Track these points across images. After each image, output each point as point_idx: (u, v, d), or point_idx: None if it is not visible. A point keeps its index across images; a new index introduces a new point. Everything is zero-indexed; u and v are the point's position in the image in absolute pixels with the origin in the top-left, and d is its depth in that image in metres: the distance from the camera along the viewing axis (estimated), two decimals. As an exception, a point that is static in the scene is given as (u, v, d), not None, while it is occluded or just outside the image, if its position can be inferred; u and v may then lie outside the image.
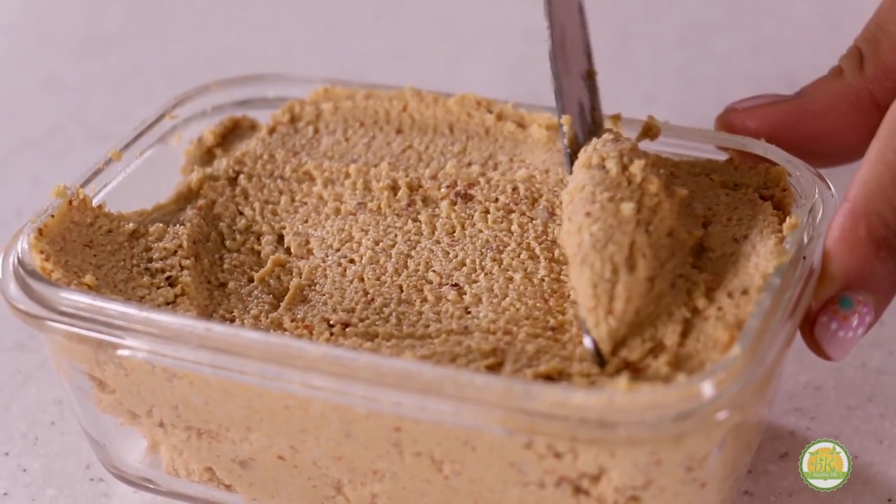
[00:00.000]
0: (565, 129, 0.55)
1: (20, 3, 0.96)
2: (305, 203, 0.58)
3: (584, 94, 0.57)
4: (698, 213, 0.53)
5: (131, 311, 0.49)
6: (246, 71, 0.65)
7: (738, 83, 0.81)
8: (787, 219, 0.52)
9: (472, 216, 0.56)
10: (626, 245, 0.49)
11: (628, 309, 0.48)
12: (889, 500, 0.53)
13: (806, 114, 0.56)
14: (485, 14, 0.90)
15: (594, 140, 0.54)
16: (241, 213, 0.58)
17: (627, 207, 0.49)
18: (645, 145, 0.57)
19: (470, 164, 0.58)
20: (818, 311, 0.50)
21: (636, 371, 0.48)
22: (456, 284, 0.53)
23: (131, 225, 0.56)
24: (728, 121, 0.57)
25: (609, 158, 0.51)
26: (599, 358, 0.48)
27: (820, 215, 0.53)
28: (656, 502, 0.47)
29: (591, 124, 0.56)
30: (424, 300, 0.52)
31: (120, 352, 0.50)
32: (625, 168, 0.51)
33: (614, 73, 0.82)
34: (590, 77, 0.57)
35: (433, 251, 0.54)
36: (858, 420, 0.57)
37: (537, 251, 0.54)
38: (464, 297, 0.52)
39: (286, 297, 0.53)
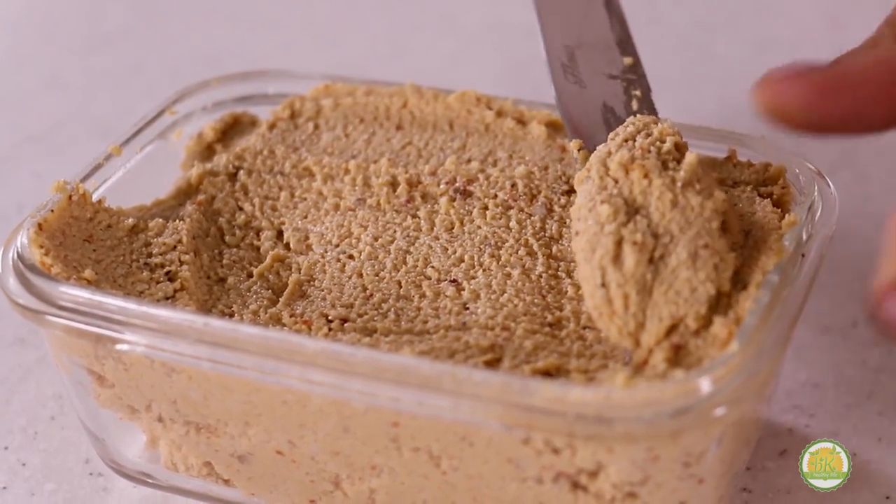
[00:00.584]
0: (575, 154, 0.55)
1: (23, 1, 0.96)
2: (305, 199, 0.58)
3: (614, 93, 0.56)
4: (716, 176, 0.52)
5: (130, 305, 0.49)
6: (247, 67, 0.65)
7: (740, 82, 0.81)
8: (786, 216, 0.52)
9: (471, 212, 0.56)
10: (611, 245, 0.48)
11: (629, 302, 0.48)
12: (887, 498, 0.53)
13: (842, 83, 0.55)
14: (485, 11, 0.90)
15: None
16: (241, 209, 0.58)
17: (603, 209, 0.49)
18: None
19: (469, 161, 0.58)
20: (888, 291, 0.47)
21: (676, 349, 0.47)
22: (454, 280, 0.53)
23: (131, 220, 0.56)
24: (763, 92, 0.56)
25: (592, 167, 0.51)
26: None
27: (819, 213, 0.53)
28: (654, 498, 0.47)
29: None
30: (423, 296, 0.52)
31: (119, 346, 0.50)
32: (608, 170, 0.50)
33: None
34: (631, 68, 0.57)
35: (432, 247, 0.54)
36: (857, 418, 0.57)
37: (535, 247, 0.54)
38: (462, 293, 0.52)
39: (285, 293, 0.53)
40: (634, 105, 0.56)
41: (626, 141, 0.51)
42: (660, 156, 0.50)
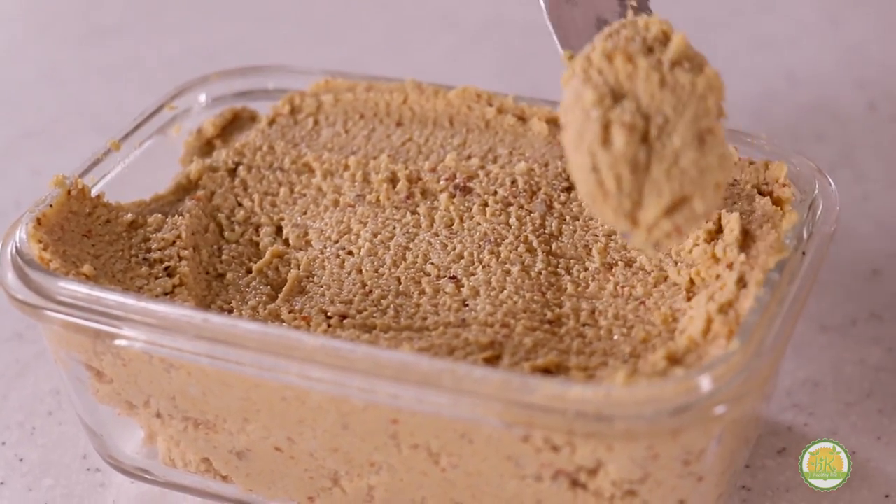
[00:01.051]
0: (566, 64, 0.51)
1: (21, -5, 0.96)
2: (304, 195, 0.58)
3: (608, 6, 0.54)
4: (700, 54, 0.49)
5: (129, 301, 0.49)
6: (247, 63, 0.65)
7: (739, 79, 0.81)
8: (787, 214, 0.52)
9: (471, 209, 0.55)
10: (598, 129, 0.46)
11: (622, 181, 0.46)
12: (887, 496, 0.53)
13: None
14: (486, 7, 0.90)
15: None
16: (240, 205, 0.58)
17: (587, 95, 0.46)
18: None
19: (469, 157, 0.58)
20: None
21: (676, 232, 0.46)
22: (454, 277, 0.53)
23: (130, 215, 0.55)
24: None
25: (576, 63, 0.48)
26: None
27: (820, 210, 0.53)
28: (653, 496, 0.47)
29: None
30: (422, 292, 0.52)
31: (117, 342, 0.49)
32: (591, 63, 0.48)
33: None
34: None
35: (431, 244, 0.54)
36: (857, 416, 0.57)
37: (535, 244, 0.54)
38: (461, 289, 0.52)
39: (284, 289, 0.53)
40: (630, 14, 0.53)
41: (609, 36, 0.49)
42: (645, 43, 0.48)
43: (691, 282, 0.52)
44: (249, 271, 0.55)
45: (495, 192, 0.56)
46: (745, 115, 0.77)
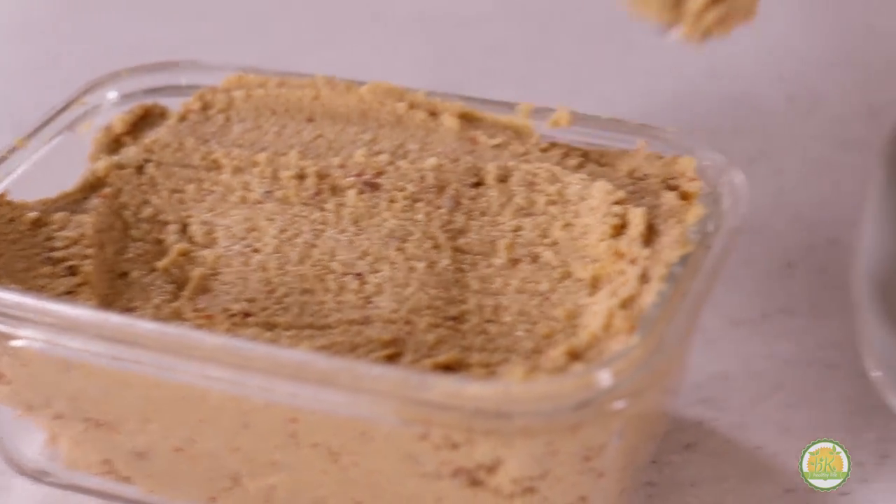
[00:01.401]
0: None
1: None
2: (213, 192, 0.57)
3: None
4: None
5: (27, 300, 0.49)
6: (165, 59, 0.64)
7: (660, 75, 0.81)
8: (692, 208, 0.52)
9: (379, 205, 0.55)
10: None
11: None
12: (787, 491, 0.53)
13: None
14: (412, 3, 0.89)
15: None
16: (148, 202, 0.57)
17: None
18: (557, 133, 0.57)
19: (379, 153, 0.57)
20: None
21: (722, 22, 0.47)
22: (359, 274, 0.52)
23: (34, 213, 0.55)
24: None
25: None
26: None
27: (726, 205, 0.53)
28: (553, 492, 0.47)
29: None
30: (327, 290, 0.52)
31: (14, 342, 0.49)
32: None
33: (539, 63, 0.82)
34: None
35: (338, 240, 0.54)
36: (766, 410, 0.57)
37: (441, 240, 0.53)
38: (365, 286, 0.52)
39: (188, 287, 0.52)
40: None
41: None
42: None
43: (595, 277, 0.52)
44: (154, 269, 0.54)
45: (404, 189, 0.56)
46: (664, 109, 0.77)
